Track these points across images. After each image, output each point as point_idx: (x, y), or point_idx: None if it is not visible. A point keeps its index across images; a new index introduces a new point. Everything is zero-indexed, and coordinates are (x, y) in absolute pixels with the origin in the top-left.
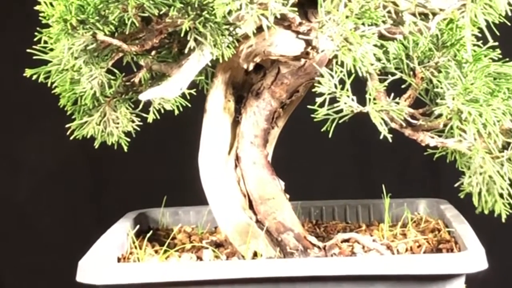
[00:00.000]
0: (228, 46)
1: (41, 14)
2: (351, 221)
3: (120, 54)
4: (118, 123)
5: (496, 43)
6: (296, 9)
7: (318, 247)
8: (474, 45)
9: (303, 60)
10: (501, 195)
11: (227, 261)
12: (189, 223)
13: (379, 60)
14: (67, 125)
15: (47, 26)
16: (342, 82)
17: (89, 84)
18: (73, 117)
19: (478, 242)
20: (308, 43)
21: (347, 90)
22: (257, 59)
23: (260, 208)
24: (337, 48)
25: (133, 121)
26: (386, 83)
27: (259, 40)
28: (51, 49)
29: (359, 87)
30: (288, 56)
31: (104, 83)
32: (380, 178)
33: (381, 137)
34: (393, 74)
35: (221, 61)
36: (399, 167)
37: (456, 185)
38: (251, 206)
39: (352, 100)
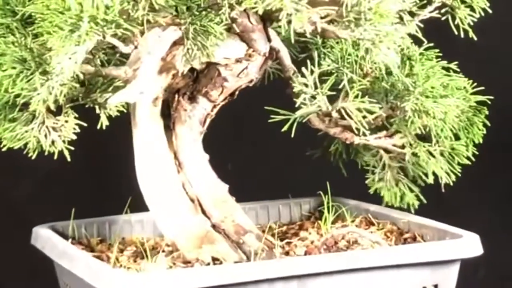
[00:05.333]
0: None
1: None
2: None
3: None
4: (60, 131)
5: (432, 44)
6: None
7: (280, 246)
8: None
9: (245, 63)
10: (410, 189)
11: (235, 264)
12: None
13: None
14: None
15: None
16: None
17: (59, 88)
18: None
19: (456, 228)
20: (250, 45)
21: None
22: (195, 62)
23: (213, 212)
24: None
25: (75, 128)
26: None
27: None
28: None
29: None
30: (230, 58)
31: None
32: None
33: None
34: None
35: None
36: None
37: (367, 181)
38: (202, 211)
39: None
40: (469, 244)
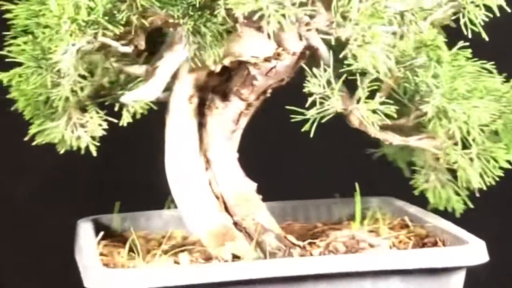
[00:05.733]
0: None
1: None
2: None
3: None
4: (86, 127)
5: (467, 43)
6: None
7: (299, 246)
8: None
9: (274, 62)
10: (456, 193)
11: (249, 262)
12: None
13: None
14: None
15: None
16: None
17: (68, 86)
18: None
19: (471, 235)
20: (279, 44)
21: (332, 89)
22: (227, 61)
23: (236, 210)
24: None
25: (100, 125)
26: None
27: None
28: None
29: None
30: (259, 57)
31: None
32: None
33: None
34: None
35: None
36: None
37: (412, 182)
38: (226, 208)
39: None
40: (473, 251)
